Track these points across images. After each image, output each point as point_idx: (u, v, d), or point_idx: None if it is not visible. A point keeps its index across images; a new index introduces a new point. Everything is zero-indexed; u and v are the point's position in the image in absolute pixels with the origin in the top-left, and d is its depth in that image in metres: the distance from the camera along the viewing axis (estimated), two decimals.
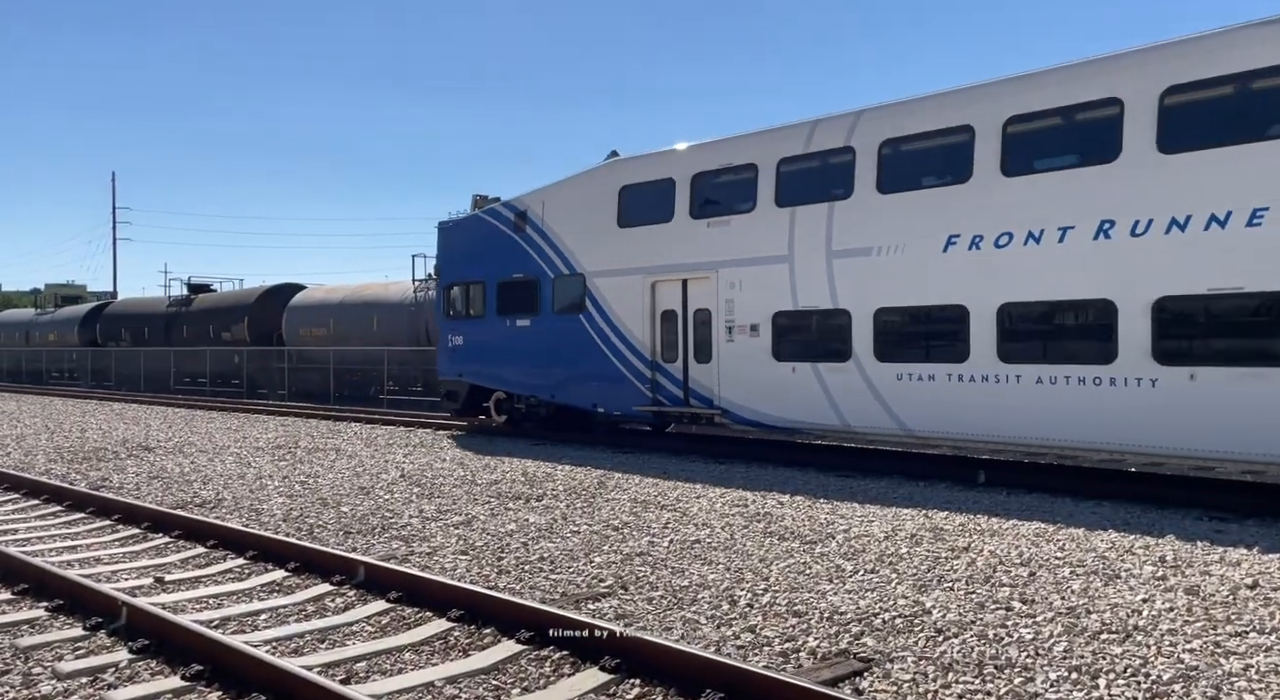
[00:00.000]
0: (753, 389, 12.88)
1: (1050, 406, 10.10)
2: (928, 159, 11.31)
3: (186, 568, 7.53)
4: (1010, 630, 5.59)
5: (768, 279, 12.63)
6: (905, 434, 11.57)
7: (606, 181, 14.71)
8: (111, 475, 12.38)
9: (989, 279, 10.57)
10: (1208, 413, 8.98)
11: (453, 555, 7.74)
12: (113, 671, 5.13)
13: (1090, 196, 9.72)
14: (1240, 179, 8.78)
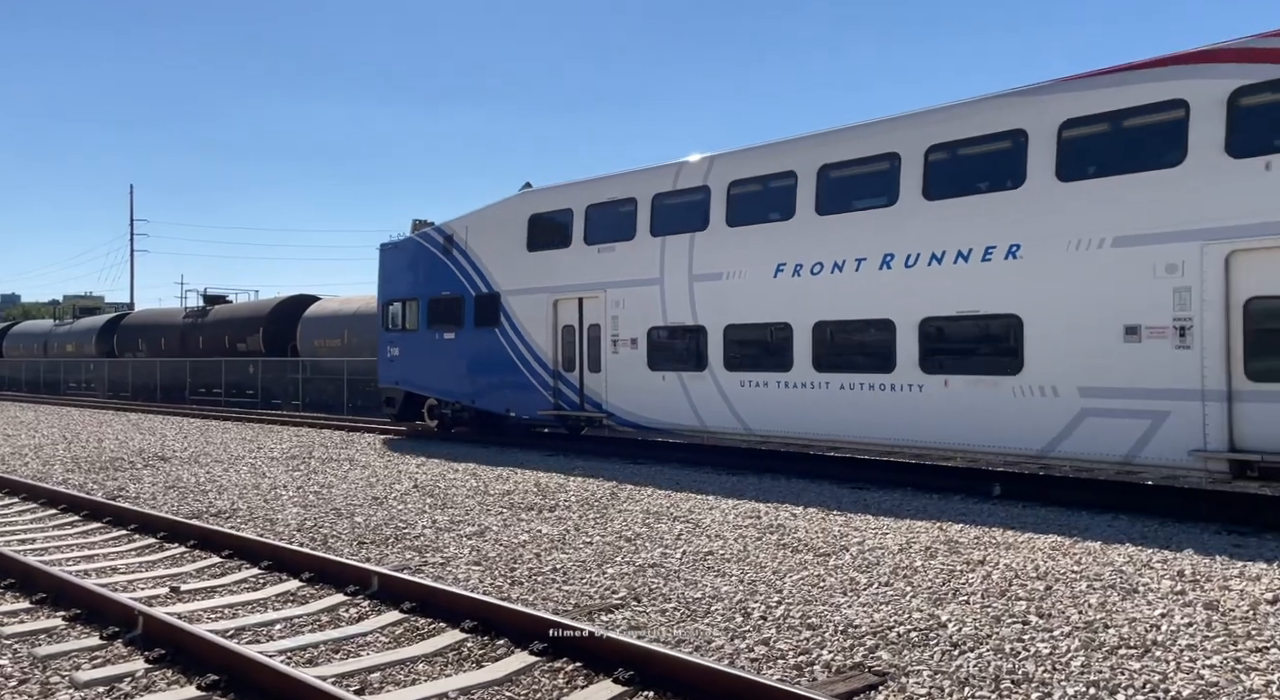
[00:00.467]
0: (632, 395, 14.71)
1: (851, 408, 12.04)
2: (763, 198, 13.21)
3: (202, 577, 7.57)
4: (1027, 645, 5.54)
5: (644, 299, 14.49)
6: (747, 433, 13.42)
7: (519, 210, 16.57)
8: (128, 485, 12.47)
9: (806, 301, 12.54)
10: (959, 413, 11.04)
11: (466, 566, 7.75)
12: (129, 681, 5.16)
13: (877, 234, 11.78)
14: (976, 222, 10.91)
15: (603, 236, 15.09)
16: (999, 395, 10.66)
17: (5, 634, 5.94)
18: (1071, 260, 10.08)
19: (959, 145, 11.23)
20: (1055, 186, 10.25)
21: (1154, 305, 9.48)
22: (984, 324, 10.92)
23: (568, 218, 15.62)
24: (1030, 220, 10.44)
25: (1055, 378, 10.24)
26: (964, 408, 10.95)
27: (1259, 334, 8.92)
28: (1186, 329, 9.26)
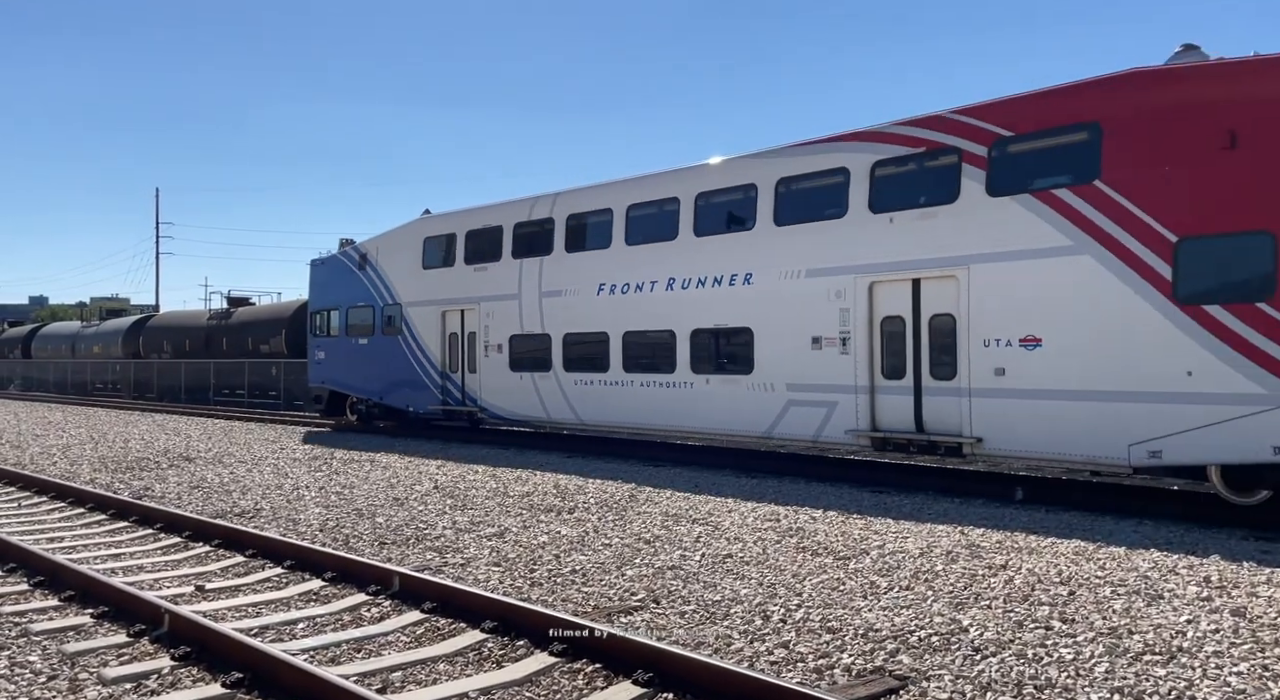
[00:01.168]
0: (499, 392, 17.39)
1: (649, 402, 14.76)
2: (591, 230, 15.92)
3: (226, 576, 7.66)
4: (1050, 650, 5.49)
5: (507, 311, 17.19)
6: (580, 423, 16.13)
7: (416, 233, 19.27)
8: (153, 485, 12.63)
9: (618, 315, 15.27)
10: (715, 405, 13.85)
11: (485, 567, 7.79)
12: (155, 678, 5.23)
13: (665, 262, 14.62)
14: (726, 255, 13.81)
15: (478, 258, 17.88)
16: (739, 390, 13.59)
17: (35, 631, 6.04)
18: (782, 286, 13.07)
19: (715, 194, 14.17)
20: (774, 229, 13.26)
21: (829, 322, 12.46)
22: (730, 335, 13.84)
23: (453, 241, 18.41)
24: (758, 255, 13.38)
25: (773, 377, 13.19)
26: (719, 400, 13.88)
27: (888, 343, 11.93)
28: (847, 340, 12.26)
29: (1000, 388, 10.79)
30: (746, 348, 13.49)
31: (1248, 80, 9.29)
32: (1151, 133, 9.66)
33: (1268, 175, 8.91)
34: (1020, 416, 10.66)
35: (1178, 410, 9.44)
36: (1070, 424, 10.22)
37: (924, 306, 11.57)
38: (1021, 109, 10.86)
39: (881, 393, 12.03)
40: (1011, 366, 10.68)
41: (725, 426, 13.89)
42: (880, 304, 11.98)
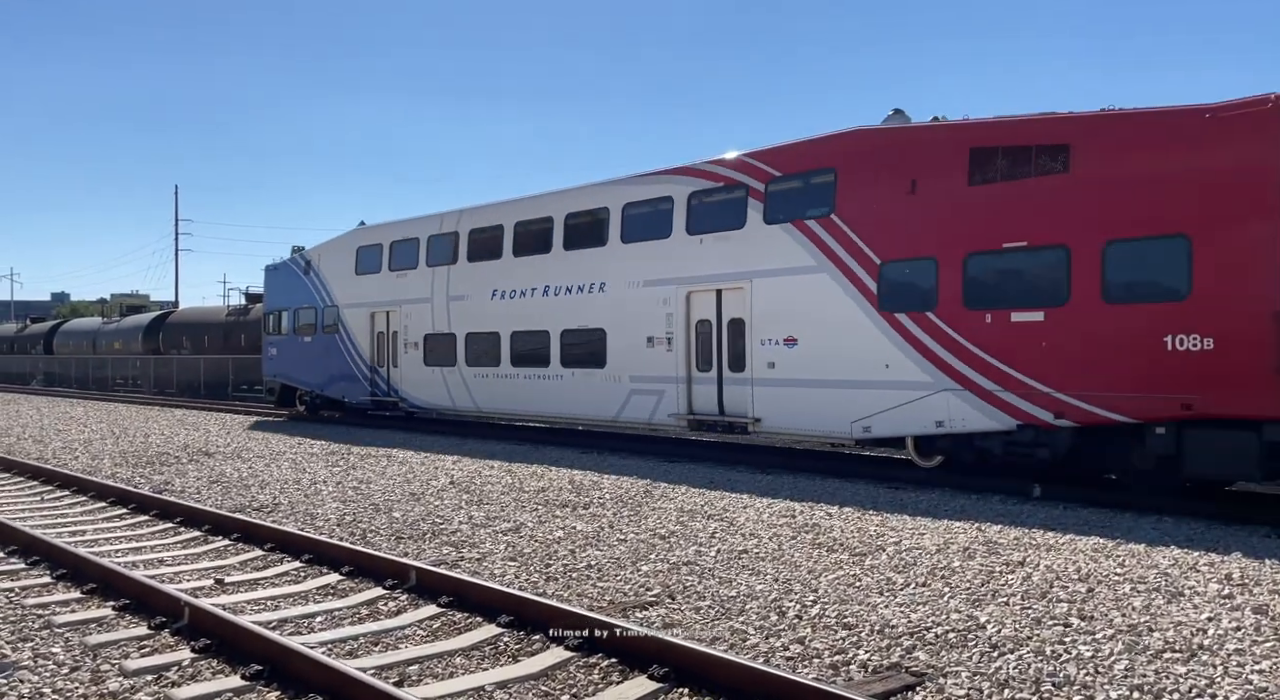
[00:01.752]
0: (416, 385, 19.65)
1: (531, 392, 17.07)
2: (486, 243, 18.22)
3: (245, 570, 7.73)
4: (1068, 647, 5.46)
5: (422, 313, 19.43)
6: (479, 411, 18.52)
7: (350, 243, 21.62)
8: (173, 479, 12.76)
9: (507, 316, 17.57)
10: (579, 394, 16.25)
11: (501, 561, 7.82)
12: (176, 670, 5.28)
13: (542, 272, 17.01)
14: (586, 267, 16.22)
15: (400, 265, 20.13)
16: (596, 381, 15.92)
17: (58, 623, 6.12)
18: (627, 294, 15.47)
19: (579, 214, 16.50)
20: (621, 247, 15.67)
21: (659, 324, 14.91)
22: (590, 334, 16.10)
23: (380, 250, 20.75)
24: (610, 268, 15.77)
25: (620, 370, 15.55)
26: (581, 390, 16.20)
27: (700, 342, 14.47)
28: (671, 339, 14.78)
29: (772, 378, 13.49)
30: (601, 346, 15.90)
31: (923, 139, 11.92)
32: (866, 179, 12.40)
33: (933, 214, 11.65)
34: (785, 401, 13.36)
35: (881, 395, 12.17)
36: (817, 406, 12.91)
37: (724, 312, 14.17)
38: (788, 153, 13.48)
39: (695, 383, 14.63)
40: (779, 361, 13.41)
41: (586, 412, 16.37)
42: (694, 310, 14.59)
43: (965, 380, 11.31)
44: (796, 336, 13.12)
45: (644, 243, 15.29)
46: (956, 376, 11.39)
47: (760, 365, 13.55)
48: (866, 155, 12.43)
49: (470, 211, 18.75)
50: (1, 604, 6.59)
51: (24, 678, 5.13)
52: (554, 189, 17.30)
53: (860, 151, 12.53)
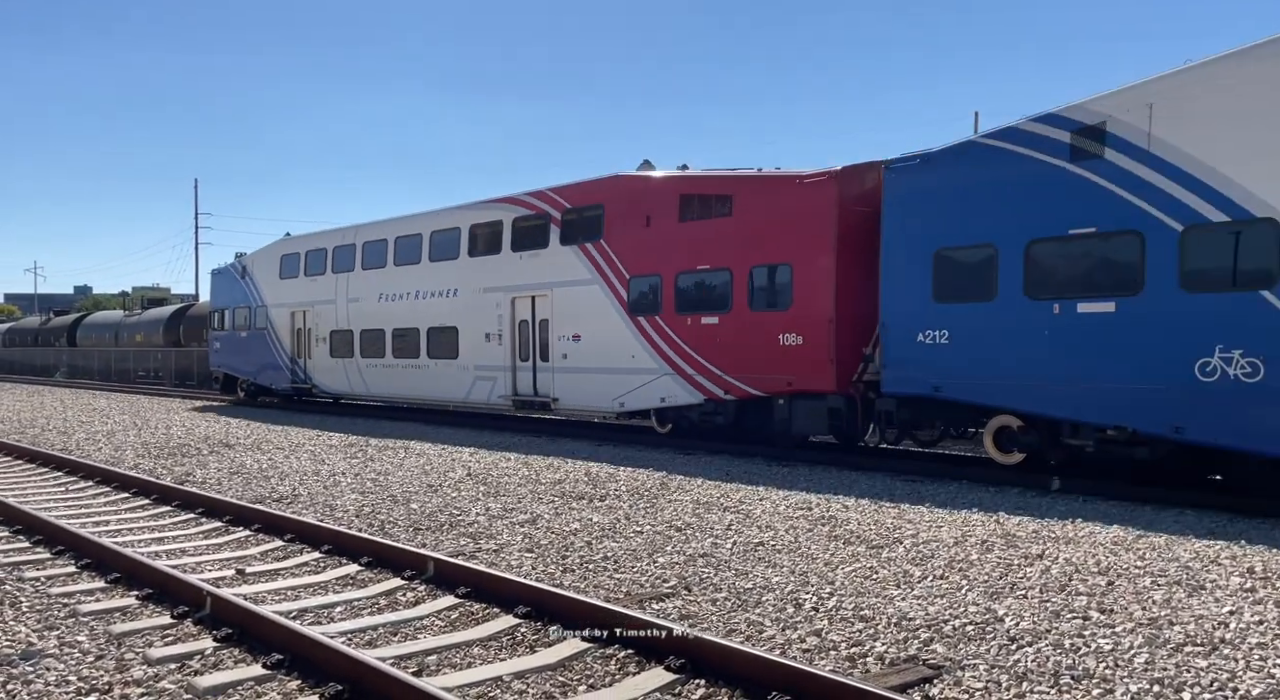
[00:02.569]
0: (324, 373, 23.40)
1: (407, 378, 20.77)
2: (376, 254, 21.80)
3: (266, 560, 7.81)
4: (1088, 640, 5.43)
5: (328, 312, 23.14)
6: (370, 395, 22.29)
7: (276, 251, 25.24)
8: (195, 470, 12.90)
9: (390, 315, 21.14)
10: (440, 380, 19.89)
11: (518, 553, 7.86)
12: (199, 658, 5.35)
13: (414, 279, 20.54)
14: (445, 276, 19.70)
15: (313, 272, 23.77)
16: (451, 370, 19.51)
17: (82, 612, 6.21)
18: (472, 299, 19.01)
19: (441, 232, 19.97)
20: (468, 260, 19.21)
21: (494, 323, 18.53)
22: (447, 331, 19.62)
23: (298, 258, 24.30)
24: (461, 277, 19.33)
25: (468, 360, 19.15)
26: (441, 378, 19.81)
27: (521, 338, 18.12)
28: (502, 335, 18.37)
29: (565, 366, 17.15)
30: (455, 340, 19.46)
31: (653, 186, 15.83)
32: (622, 213, 16.17)
33: (659, 242, 15.53)
34: (573, 384, 17.00)
35: (630, 378, 15.93)
36: (594, 388, 16.62)
37: (537, 314, 17.75)
38: (576, 190, 17.22)
39: (518, 370, 18.19)
40: (569, 353, 17.09)
41: (445, 395, 20.02)
42: (517, 312, 18.15)
43: (676, 367, 15.32)
44: (580, 334, 16.87)
45: (484, 257, 18.90)
46: (672, 364, 15.39)
47: (558, 356, 17.30)
48: (622, 196, 16.22)
49: (364, 227, 22.55)
50: (28, 593, 6.70)
51: (50, 665, 5.22)
52: (425, 210, 20.95)
53: (618, 192, 16.32)
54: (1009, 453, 11.77)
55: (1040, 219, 10.87)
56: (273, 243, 25.59)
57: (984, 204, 11.39)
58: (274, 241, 25.65)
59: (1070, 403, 10.62)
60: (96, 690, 4.86)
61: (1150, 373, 9.94)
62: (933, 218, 11.89)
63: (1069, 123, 10.68)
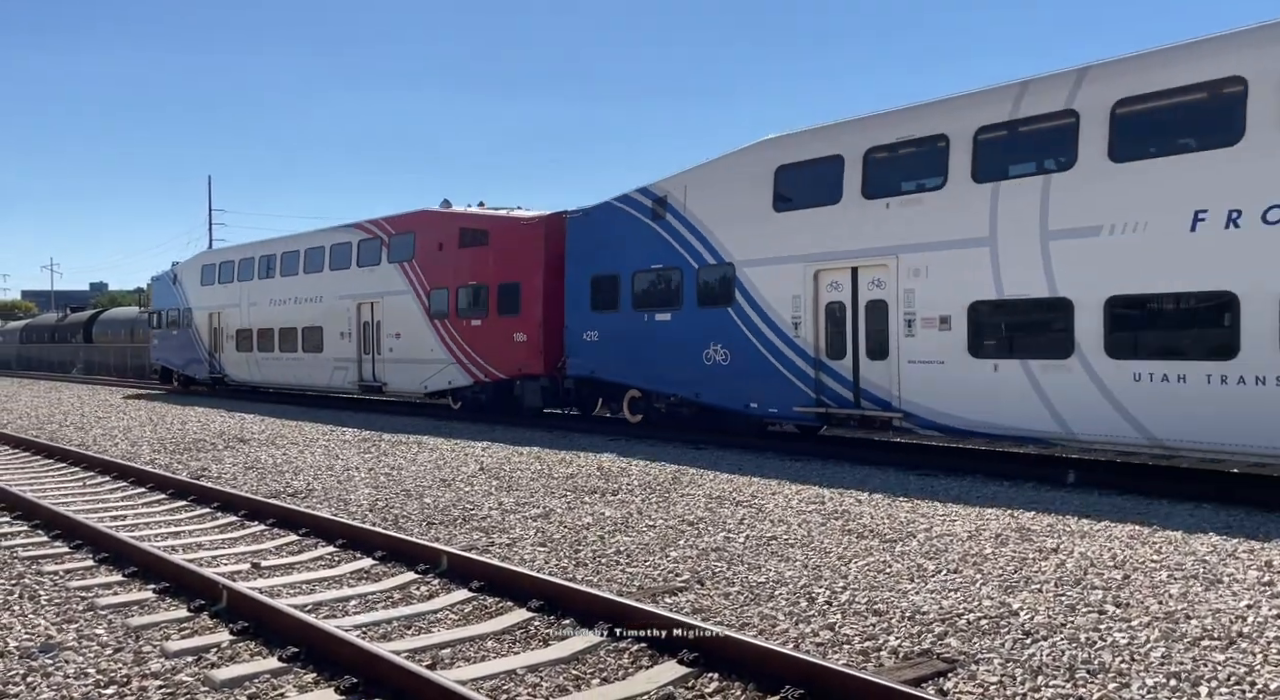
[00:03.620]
0: (233, 365, 27.88)
1: (291, 368, 25.18)
2: (266, 266, 26.54)
3: (281, 554, 7.86)
4: (1103, 634, 5.39)
5: (237, 313, 27.47)
6: (266, 382, 27.11)
7: (199, 262, 30.08)
8: (210, 465, 13.00)
9: (280, 317, 25.68)
10: (312, 370, 24.26)
11: (531, 547, 7.88)
12: (215, 651, 5.40)
13: (294, 287, 25.00)
14: (314, 285, 24.34)
15: (225, 280, 28.24)
16: (319, 360, 24.16)
17: (101, 605, 6.27)
18: (333, 303, 23.56)
19: (311, 249, 24.76)
20: (330, 273, 23.86)
21: (345, 323, 23.28)
22: (315, 330, 24.28)
23: (214, 268, 28.90)
24: (325, 286, 23.98)
25: (330, 354, 23.69)
26: (314, 368, 24.38)
27: (364, 334, 22.80)
28: (351, 333, 23.25)
29: (390, 357, 21.92)
30: (320, 337, 24.06)
31: (441, 219, 20.91)
32: (426, 240, 21.02)
33: (447, 263, 20.28)
34: (397, 371, 21.75)
35: (431, 367, 20.65)
36: (409, 375, 21.34)
37: (374, 315, 22.34)
38: (397, 220, 22.04)
39: (363, 361, 22.73)
40: (394, 347, 21.79)
41: (315, 382, 24.67)
42: (361, 315, 22.78)
43: (458, 358, 20.05)
44: (400, 333, 21.55)
45: (340, 271, 23.55)
46: (455, 356, 20.12)
47: (386, 350, 21.96)
48: (426, 226, 21.16)
49: (261, 243, 27.28)
50: (47, 586, 6.77)
51: (69, 658, 5.27)
52: (304, 231, 25.79)
53: (424, 223, 21.24)
54: (635, 415, 17.04)
55: (637, 255, 16.19)
56: (197, 254, 31.42)
57: (610, 243, 16.77)
58: (198, 253, 31.39)
59: (655, 380, 16.22)
60: (115, 683, 4.91)
61: (684, 360, 15.29)
62: (589, 252, 17.26)
63: (653, 194, 15.98)
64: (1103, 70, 10.73)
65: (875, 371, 12.78)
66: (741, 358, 14.39)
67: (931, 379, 12.07)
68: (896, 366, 12.43)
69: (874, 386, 12.80)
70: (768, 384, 13.96)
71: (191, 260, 30.82)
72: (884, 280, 12.55)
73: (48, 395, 29.68)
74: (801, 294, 13.53)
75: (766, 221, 14.00)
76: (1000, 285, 11.45)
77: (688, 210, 15.21)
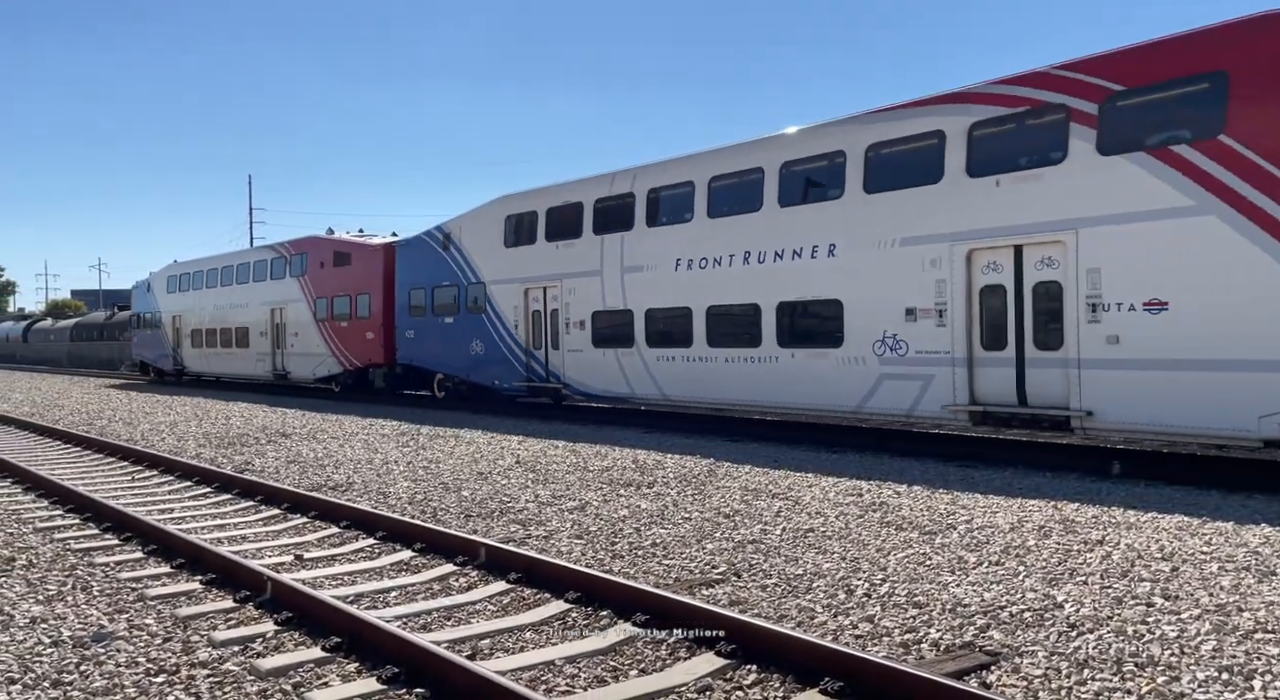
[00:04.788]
0: (191, 359, 33.74)
1: (229, 360, 31.05)
2: (214, 278, 32.21)
3: (323, 546, 7.99)
4: (1151, 627, 5.28)
5: (194, 317, 33.18)
6: (216, 373, 32.58)
7: (165, 273, 35.99)
8: (254, 459, 13.24)
9: (222, 318, 31.48)
10: (245, 364, 30.18)
11: (568, 539, 7.91)
12: (261, 641, 5.50)
13: (230, 297, 30.86)
14: (239, 295, 30.37)
15: (184, 288, 34.25)
16: (247, 355, 29.45)
17: (150, 596, 6.42)
18: (256, 309, 29.28)
19: (242, 265, 30.32)
20: (255, 284, 29.47)
21: (264, 325, 28.92)
22: (244, 330, 29.72)
23: (178, 279, 34.75)
24: (252, 295, 29.37)
25: (254, 349, 29.39)
26: (245, 360, 29.74)
27: (277, 334, 28.71)
28: (266, 333, 29.19)
29: (293, 352, 27.29)
30: (247, 335, 29.34)
31: (324, 243, 26.76)
32: (314, 259, 26.84)
33: (328, 279, 26.35)
34: (296, 363, 27.26)
35: (318, 359, 26.37)
36: (304, 365, 26.78)
37: (282, 318, 27.67)
38: (298, 244, 27.73)
39: (275, 355, 28.19)
40: (294, 343, 27.31)
41: (245, 372, 29.89)
42: (274, 317, 28.10)
43: (335, 352, 25.57)
44: (298, 332, 27.24)
45: (259, 282, 29.03)
46: (333, 350, 25.60)
47: (289, 346, 27.82)
48: (313, 248, 26.98)
49: (212, 258, 32.52)
50: (99, 577, 6.95)
51: (120, 647, 5.41)
52: (239, 250, 32.09)
53: (312, 246, 27.18)
54: (440, 392, 22.83)
55: (434, 275, 22.04)
56: (166, 266, 36.51)
57: (420, 265, 22.59)
58: (166, 266, 36.34)
59: (446, 366, 22.00)
60: (165, 671, 5.03)
61: (460, 351, 21.24)
62: (406, 271, 23.14)
63: (443, 232, 21.85)
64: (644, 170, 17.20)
65: (554, 358, 18.81)
66: (490, 349, 20.37)
67: (577, 363, 18.25)
68: (561, 354, 18.51)
69: (552, 368, 18.89)
70: (503, 367, 19.97)
71: (161, 271, 36.66)
72: (559, 296, 18.54)
73: (96, 392, 30.47)
74: (519, 305, 19.50)
75: (501, 254, 20.04)
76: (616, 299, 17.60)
77: (462, 244, 21.28)
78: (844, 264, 13.38)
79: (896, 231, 12.70)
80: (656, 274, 16.48)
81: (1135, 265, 10.33)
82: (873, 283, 12.98)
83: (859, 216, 13.20)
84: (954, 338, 12.06)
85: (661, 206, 16.73)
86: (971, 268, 11.95)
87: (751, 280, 14.71)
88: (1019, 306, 11.45)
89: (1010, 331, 11.57)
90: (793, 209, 14.22)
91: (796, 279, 14.03)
